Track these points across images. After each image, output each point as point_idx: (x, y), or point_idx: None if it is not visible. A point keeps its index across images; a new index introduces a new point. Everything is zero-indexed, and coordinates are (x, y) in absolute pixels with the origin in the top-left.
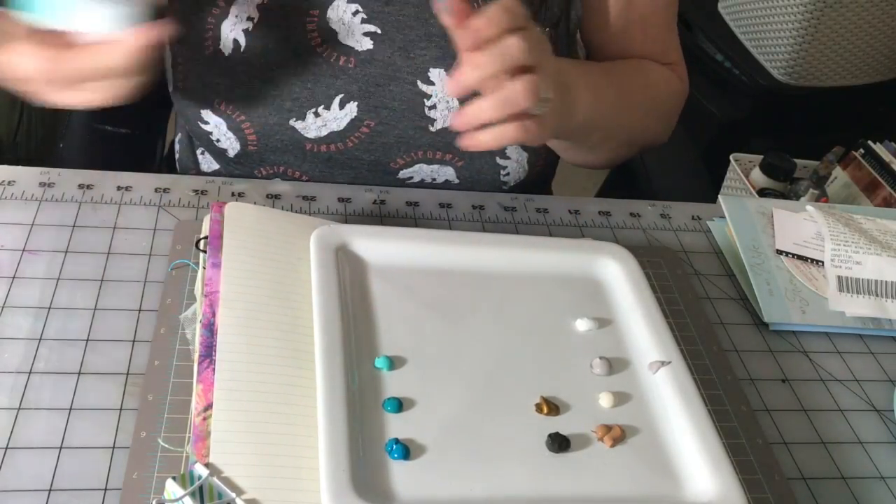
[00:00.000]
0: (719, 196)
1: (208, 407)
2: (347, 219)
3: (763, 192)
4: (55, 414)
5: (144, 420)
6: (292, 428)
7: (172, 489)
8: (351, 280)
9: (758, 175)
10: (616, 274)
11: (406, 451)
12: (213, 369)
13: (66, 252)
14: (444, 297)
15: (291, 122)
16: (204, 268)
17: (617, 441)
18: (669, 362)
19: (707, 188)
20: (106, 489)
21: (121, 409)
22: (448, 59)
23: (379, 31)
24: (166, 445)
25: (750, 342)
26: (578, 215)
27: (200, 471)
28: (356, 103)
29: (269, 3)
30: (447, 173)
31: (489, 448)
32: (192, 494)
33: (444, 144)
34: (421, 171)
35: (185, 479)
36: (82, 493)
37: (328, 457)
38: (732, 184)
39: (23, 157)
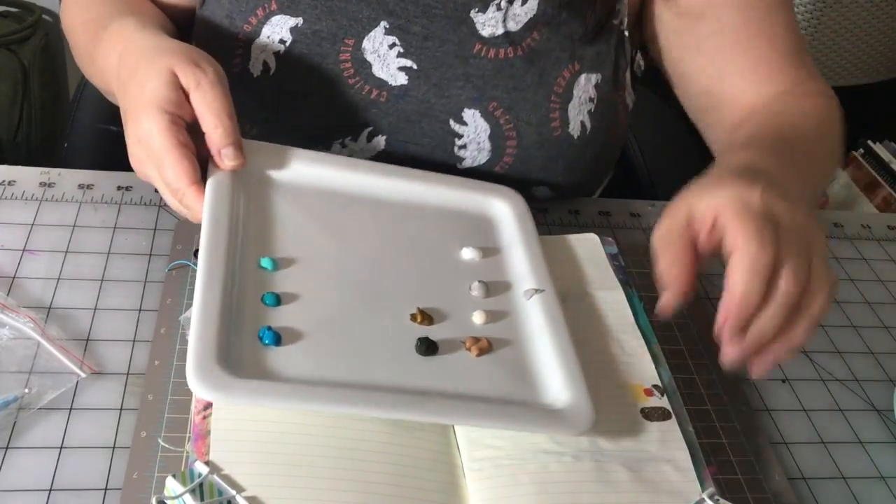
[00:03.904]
0: None
1: (208, 406)
2: None
3: None
4: (55, 414)
5: (144, 420)
6: (291, 425)
7: (172, 487)
8: (248, 190)
9: None
10: (506, 213)
11: (277, 337)
12: None
13: (66, 252)
14: (339, 216)
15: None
16: None
17: (483, 351)
18: (543, 290)
19: None
20: (106, 489)
21: (121, 409)
22: (483, 100)
23: (415, 67)
24: (167, 445)
25: None
26: (578, 215)
27: (200, 468)
28: (384, 137)
29: (303, 28)
30: None
31: (360, 345)
32: (192, 492)
33: None
34: None
35: (185, 477)
36: (82, 493)
37: (197, 335)
38: None
39: (23, 157)
